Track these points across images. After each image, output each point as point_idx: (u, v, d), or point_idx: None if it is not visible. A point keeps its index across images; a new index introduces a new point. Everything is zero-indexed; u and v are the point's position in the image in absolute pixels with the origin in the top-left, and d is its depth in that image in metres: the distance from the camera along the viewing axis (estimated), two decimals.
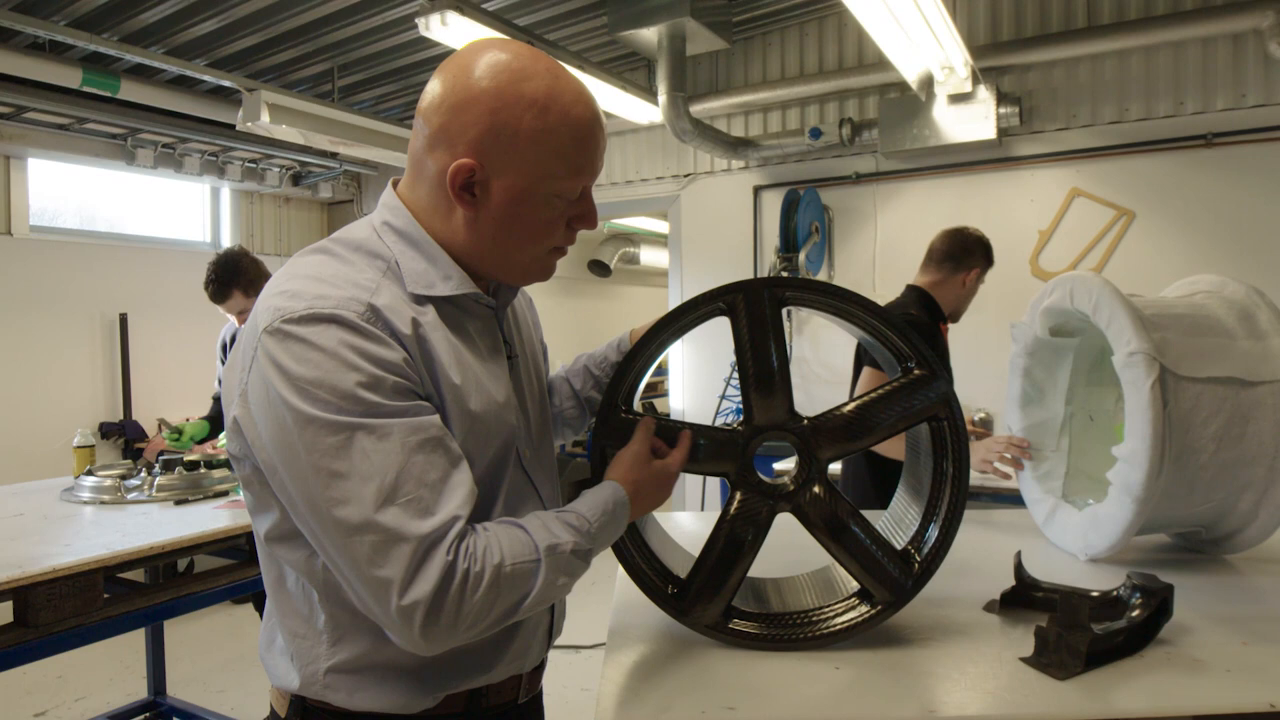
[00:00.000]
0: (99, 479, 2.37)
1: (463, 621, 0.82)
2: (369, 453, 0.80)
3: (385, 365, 0.83)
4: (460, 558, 0.81)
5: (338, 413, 0.80)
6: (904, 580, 1.11)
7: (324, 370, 0.81)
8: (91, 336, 4.77)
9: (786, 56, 4.20)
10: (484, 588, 0.82)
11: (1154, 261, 3.42)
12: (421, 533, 0.80)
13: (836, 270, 4.14)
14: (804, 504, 1.11)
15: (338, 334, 0.82)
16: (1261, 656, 1.10)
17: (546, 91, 0.88)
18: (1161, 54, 3.40)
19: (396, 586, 0.79)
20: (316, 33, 3.85)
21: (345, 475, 0.80)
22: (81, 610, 1.82)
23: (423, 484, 0.82)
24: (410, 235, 0.94)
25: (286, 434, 0.81)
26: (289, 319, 0.83)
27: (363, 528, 0.79)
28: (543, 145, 0.88)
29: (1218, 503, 1.48)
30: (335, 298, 0.84)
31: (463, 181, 0.89)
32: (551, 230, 0.95)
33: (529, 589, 0.86)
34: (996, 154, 3.69)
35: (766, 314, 1.09)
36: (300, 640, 0.93)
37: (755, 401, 1.10)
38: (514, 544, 0.86)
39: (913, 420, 1.11)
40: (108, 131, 4.49)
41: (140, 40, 3.70)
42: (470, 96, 0.88)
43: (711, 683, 1.04)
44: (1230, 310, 1.53)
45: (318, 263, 0.91)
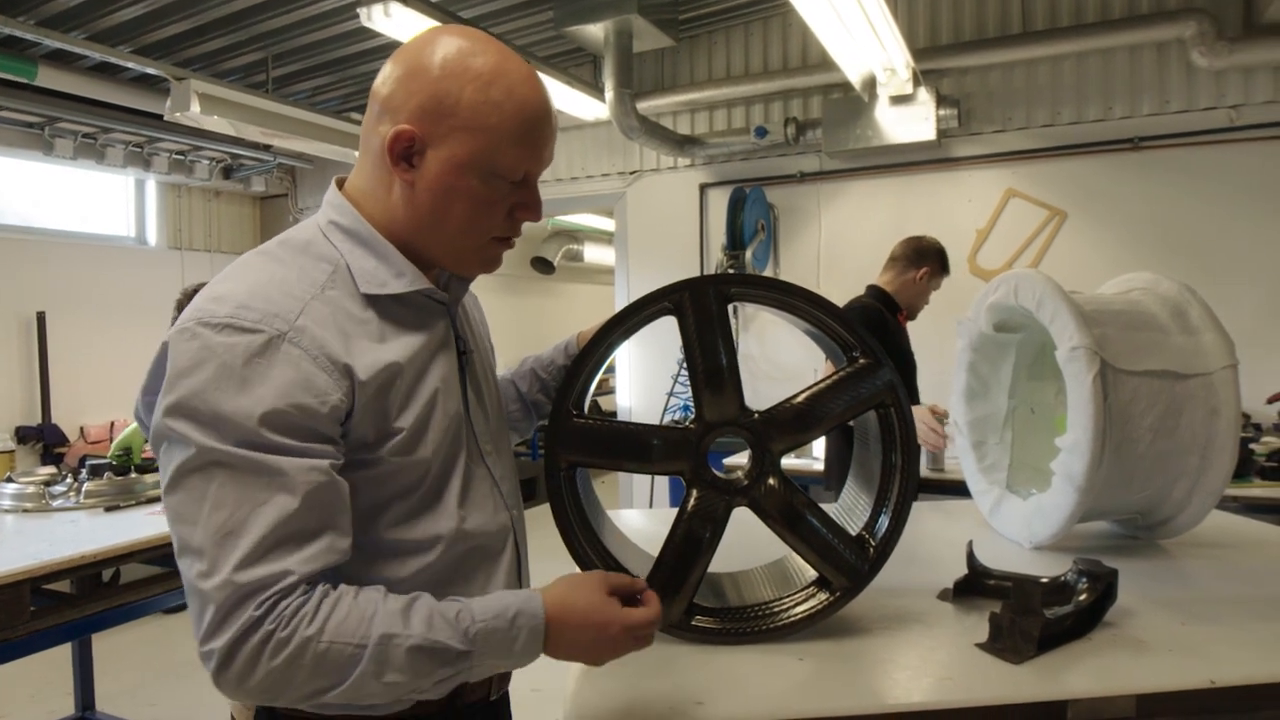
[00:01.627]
0: (20, 485, 2.24)
1: (255, 683, 0.76)
2: (230, 483, 0.76)
3: (291, 394, 0.78)
4: (269, 617, 0.76)
5: (216, 434, 0.76)
6: (860, 565, 1.13)
7: (215, 387, 0.77)
8: (6, 336, 4.52)
9: (732, 55, 4.24)
10: (285, 657, 0.76)
11: (1085, 260, 3.56)
12: (239, 580, 0.75)
13: (782, 267, 4.19)
14: (760, 497, 1.11)
15: (247, 351, 0.78)
16: (1200, 636, 1.15)
17: (493, 67, 0.86)
18: (1092, 60, 3.54)
19: (203, 628, 0.76)
20: (249, 20, 3.73)
21: (199, 499, 0.76)
22: (6, 624, 1.72)
23: (268, 531, 0.77)
24: (358, 233, 0.90)
25: (165, 439, 0.79)
26: (203, 322, 0.79)
27: (196, 552, 0.76)
28: (483, 118, 0.85)
29: (1154, 490, 1.54)
30: (260, 311, 0.80)
31: (401, 149, 0.86)
32: (491, 212, 0.91)
33: (343, 677, 0.78)
34: (936, 155, 3.79)
35: (713, 311, 1.09)
36: None
37: (706, 399, 1.10)
38: (346, 621, 0.78)
39: (860, 408, 1.13)
40: (23, 120, 4.26)
41: (60, 24, 3.52)
42: (417, 68, 0.87)
43: (679, 679, 1.04)
44: (1164, 307, 1.59)
45: (256, 265, 0.87)
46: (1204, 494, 1.52)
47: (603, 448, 1.11)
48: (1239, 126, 3.36)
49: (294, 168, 5.63)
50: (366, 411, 0.84)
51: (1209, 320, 1.54)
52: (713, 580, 1.25)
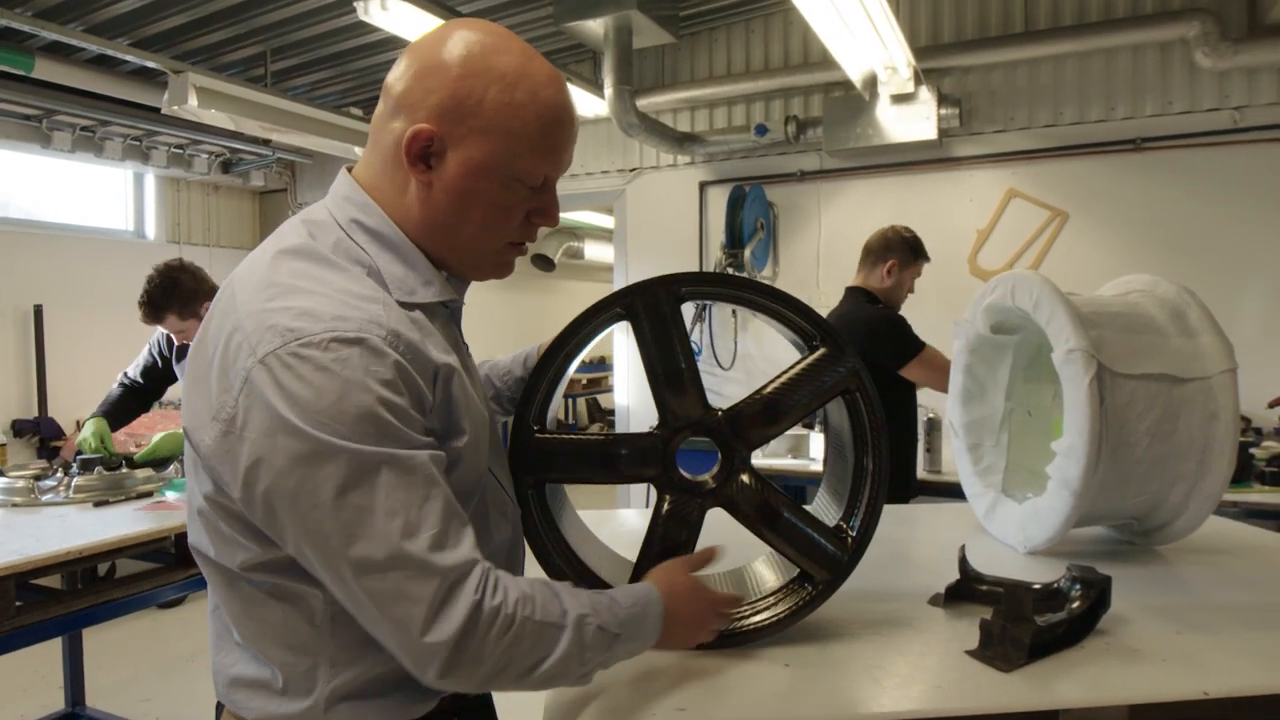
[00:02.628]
0: (10, 480, 2.23)
1: (483, 666, 0.78)
2: (394, 486, 0.75)
3: (405, 395, 0.78)
4: (487, 595, 0.78)
5: (360, 441, 0.74)
6: (840, 556, 1.11)
7: (346, 398, 0.75)
8: (4, 329, 4.51)
9: (733, 52, 4.21)
10: (512, 634, 0.79)
11: (1086, 261, 3.53)
12: (447, 565, 0.76)
13: (781, 266, 4.18)
14: (733, 496, 1.10)
15: (364, 361, 0.76)
16: (1194, 645, 1.13)
17: (518, 68, 0.84)
18: (1094, 60, 3.51)
19: (419, 624, 0.75)
20: (248, 14, 3.71)
21: (369, 510, 0.75)
22: None
23: (446, 519, 0.78)
24: (386, 237, 0.87)
25: (295, 466, 0.74)
26: (306, 341, 0.75)
27: (387, 564, 0.75)
28: (506, 121, 0.83)
29: (1151, 495, 1.52)
30: (357, 320, 0.77)
31: (419, 149, 0.84)
32: (509, 217, 0.88)
33: (549, 652, 0.81)
34: (937, 154, 3.77)
35: (666, 312, 1.07)
36: (290, 669, 0.86)
37: (669, 401, 1.08)
38: (543, 600, 0.83)
39: (826, 396, 1.11)
40: (21, 112, 4.24)
41: (57, 16, 3.50)
42: (436, 64, 0.84)
43: (660, 683, 1.02)
44: (1162, 309, 1.57)
45: (310, 271, 0.82)
46: (1201, 499, 1.50)
47: (568, 462, 1.09)
48: (1243, 128, 3.34)
49: (293, 162, 5.61)
50: (441, 411, 0.84)
51: (1208, 323, 1.52)
52: None
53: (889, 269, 2.67)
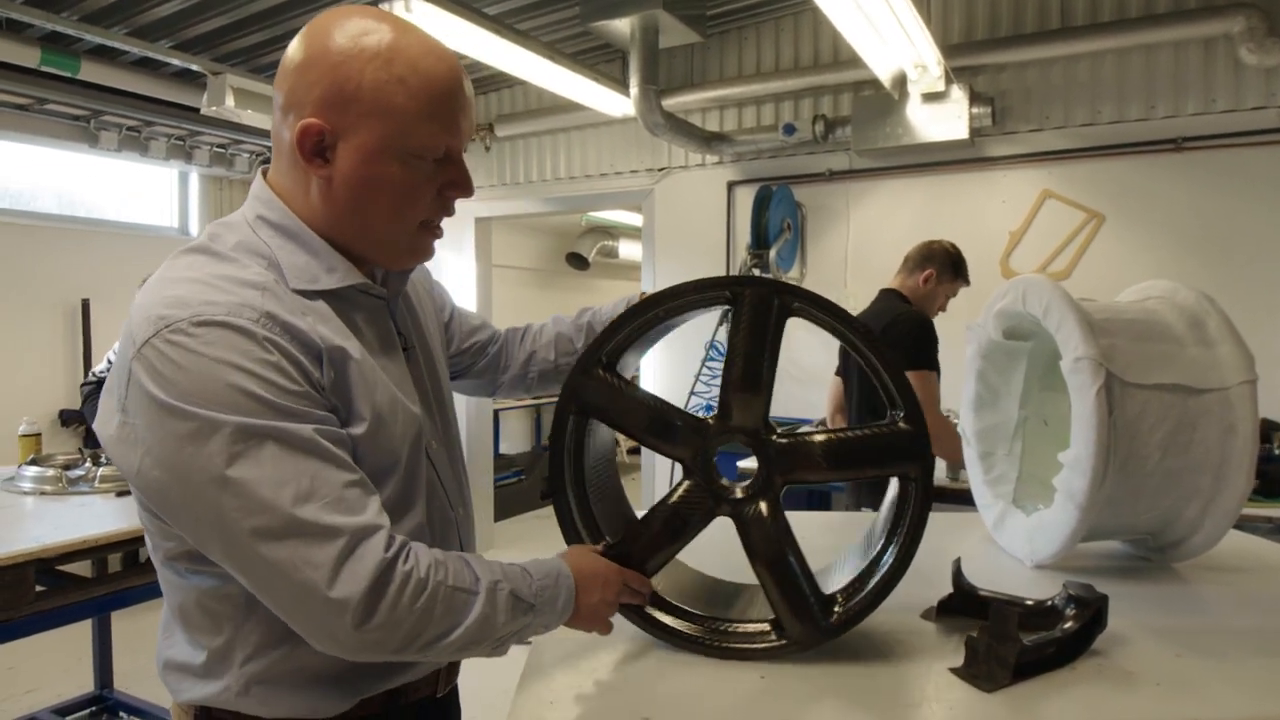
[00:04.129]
0: (41, 469, 2.31)
1: (400, 629, 0.78)
2: (280, 458, 0.76)
3: (284, 372, 0.78)
4: (401, 560, 0.78)
5: (240, 415, 0.75)
6: (819, 626, 1.07)
7: (214, 375, 0.75)
8: (52, 323, 4.68)
9: (763, 51, 4.17)
10: (426, 597, 0.79)
11: (1123, 265, 3.42)
12: (351, 526, 0.76)
13: (809, 267, 4.12)
14: (746, 516, 1.07)
15: (230, 340, 0.77)
16: (1193, 669, 1.08)
17: (390, 44, 0.83)
18: (1134, 57, 3.39)
19: (323, 584, 0.75)
20: (285, 15, 3.78)
21: (258, 482, 0.75)
22: (11, 604, 1.77)
23: (344, 485, 0.78)
24: (286, 228, 0.88)
25: (179, 448, 0.75)
26: (173, 327, 0.76)
27: (283, 532, 0.75)
28: (390, 99, 0.82)
29: (1164, 510, 1.46)
30: (225, 304, 0.78)
31: (312, 145, 0.84)
32: (416, 196, 0.87)
33: (463, 618, 0.82)
34: (969, 154, 3.68)
35: (771, 317, 1.04)
36: (210, 653, 0.88)
37: (735, 402, 1.06)
38: (456, 568, 0.84)
39: (884, 471, 1.07)
40: (69, 113, 4.39)
41: (102, 19, 3.62)
42: (313, 56, 0.83)
43: (632, 690, 1.01)
44: (1181, 317, 1.51)
45: (197, 264, 0.84)
46: (1218, 516, 1.43)
47: (616, 408, 1.08)
48: None
49: None
50: (335, 394, 0.84)
51: (1227, 332, 1.46)
52: (694, 580, 1.23)
53: (925, 278, 2.68)
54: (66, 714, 2.68)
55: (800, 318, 1.08)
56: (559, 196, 4.90)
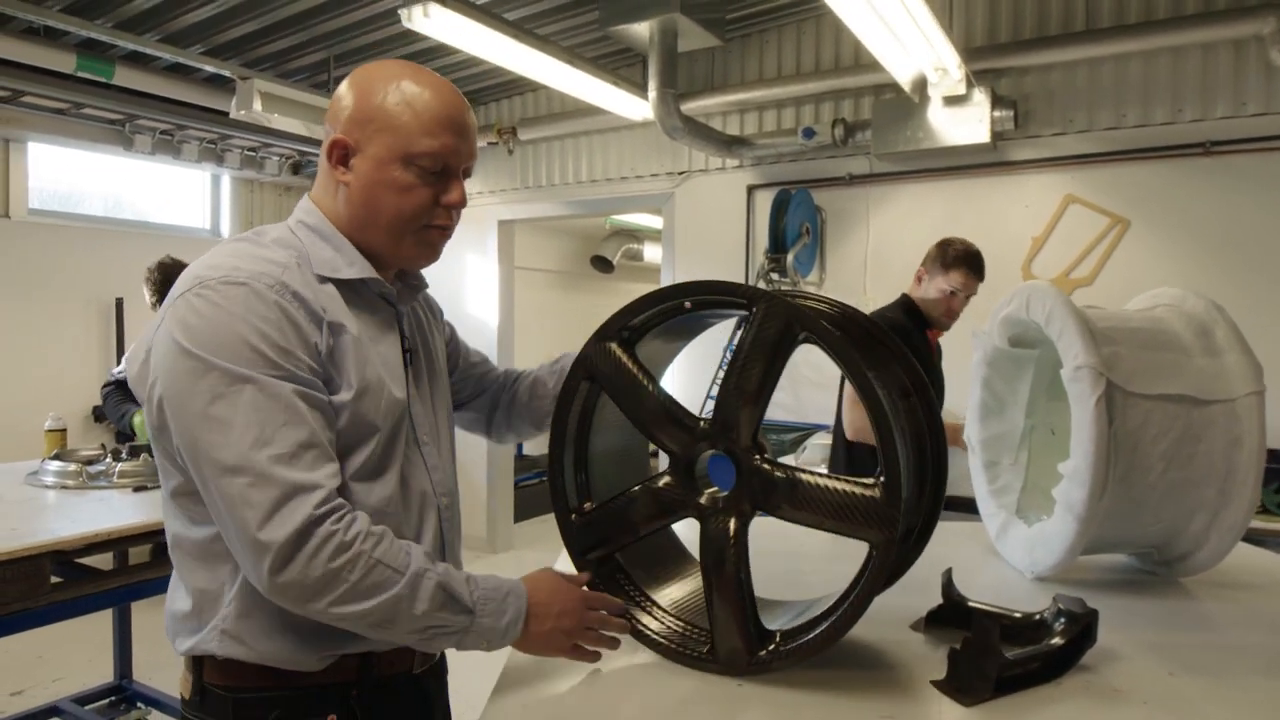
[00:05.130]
0: (63, 464, 2.37)
1: (308, 581, 0.86)
2: (255, 405, 0.87)
3: (285, 333, 0.92)
4: (330, 520, 0.87)
5: (231, 362, 0.88)
6: (750, 651, 1.04)
7: (225, 326, 0.89)
8: (87, 321, 4.81)
9: (784, 55, 4.15)
10: (343, 560, 0.87)
11: (1148, 271, 3.34)
12: (293, 480, 0.86)
13: (828, 272, 4.09)
14: (711, 527, 1.07)
15: (245, 298, 0.91)
16: (1185, 688, 1.06)
17: (406, 81, 1.02)
18: (1161, 59, 3.32)
19: (255, 524, 0.85)
20: (311, 21, 3.85)
21: (228, 421, 0.87)
22: (28, 594, 1.82)
23: (301, 445, 0.89)
24: (319, 229, 1.05)
25: (179, 381, 0.89)
26: (204, 284, 0.92)
27: (235, 469, 0.86)
28: (396, 117, 1.00)
29: (1168, 524, 1.43)
30: (248, 270, 0.94)
31: (337, 155, 1.02)
32: (413, 196, 1.02)
33: (380, 592, 0.89)
34: (991, 158, 3.62)
35: (783, 336, 1.01)
36: (204, 594, 0.98)
37: (731, 411, 1.04)
38: (391, 548, 0.92)
39: (847, 530, 1.00)
40: (105, 117, 4.51)
41: (135, 26, 3.71)
42: (350, 91, 1.04)
43: (603, 694, 1.02)
44: (1188, 325, 1.48)
45: (236, 248, 1.01)
46: (1223, 530, 1.40)
47: (618, 385, 1.11)
48: None
49: None
50: (329, 360, 0.97)
51: (1235, 341, 1.42)
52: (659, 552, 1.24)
53: (918, 276, 2.59)
54: (86, 703, 2.75)
55: (810, 344, 1.03)
56: (580, 200, 4.92)
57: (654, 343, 1.17)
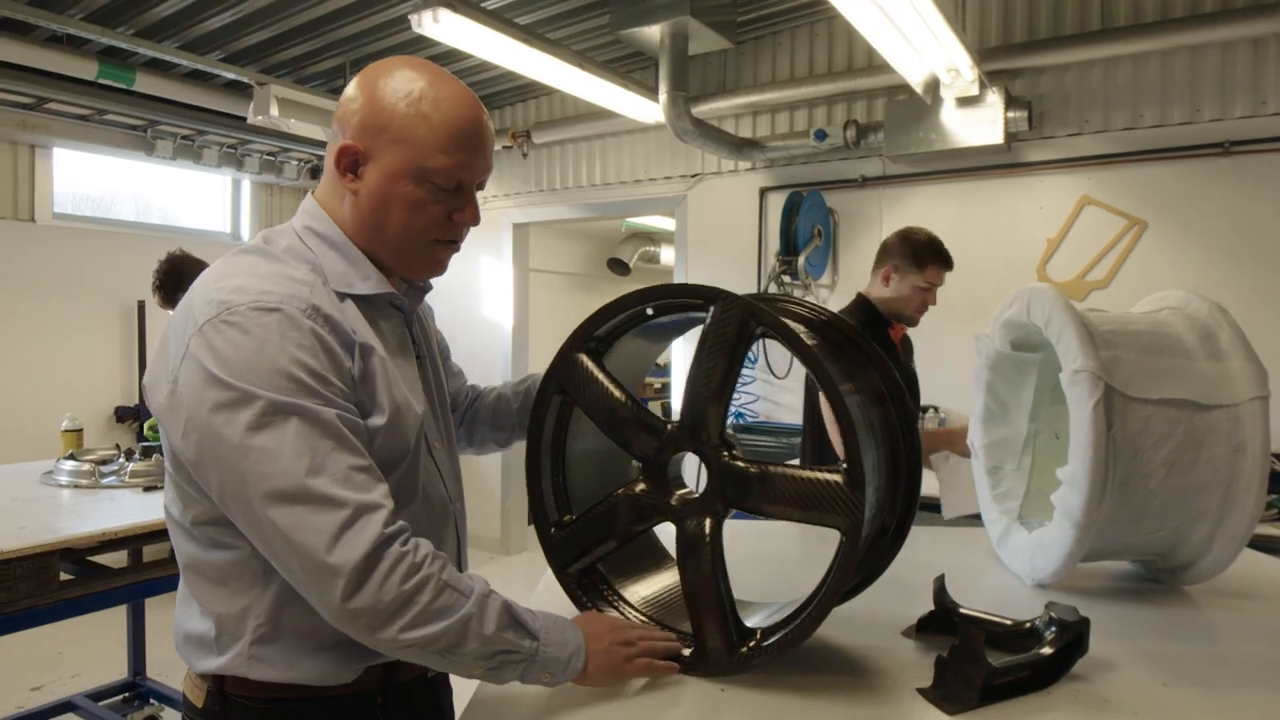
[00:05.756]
0: (77, 464, 2.42)
1: (383, 604, 0.84)
2: (302, 434, 0.84)
3: (321, 360, 0.89)
4: (399, 541, 0.85)
5: (275, 392, 0.85)
6: (728, 652, 1.04)
7: (262, 355, 0.86)
8: (109, 323, 4.89)
9: (796, 57, 4.14)
10: (415, 582, 0.85)
11: (1166, 274, 3.28)
12: (357, 500, 0.84)
13: (840, 274, 4.07)
14: (686, 528, 1.07)
15: (280, 325, 0.87)
16: (1177, 699, 1.03)
17: (424, 87, 0.96)
18: (1178, 58, 3.26)
19: (321, 548, 0.82)
20: (326, 28, 3.89)
21: (275, 451, 0.84)
22: (37, 591, 1.85)
23: (354, 469, 0.86)
24: (331, 238, 1.00)
25: (217, 414, 0.85)
26: (232, 310, 0.88)
27: (293, 498, 0.83)
28: (411, 130, 0.95)
29: (1170, 531, 1.40)
30: (279, 294, 0.90)
31: (347, 162, 0.97)
32: (426, 213, 0.98)
33: (447, 615, 0.87)
34: (1005, 159, 3.58)
35: (739, 337, 1.03)
36: (225, 619, 0.95)
37: (693, 411, 1.05)
38: (454, 571, 0.91)
39: (814, 519, 1.01)
40: (127, 123, 4.59)
41: (155, 33, 3.78)
42: (360, 92, 0.98)
43: (585, 694, 1.01)
44: (1192, 329, 1.45)
45: (253, 262, 0.96)
46: (1227, 538, 1.37)
47: (587, 395, 1.11)
48: None
49: None
50: (362, 384, 0.94)
51: (1239, 346, 1.39)
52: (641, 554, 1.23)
53: (885, 275, 2.39)
54: (100, 699, 2.79)
55: (767, 339, 1.06)
56: (594, 202, 4.93)
57: (635, 343, 1.16)
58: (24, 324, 4.51)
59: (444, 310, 5.57)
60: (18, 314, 4.49)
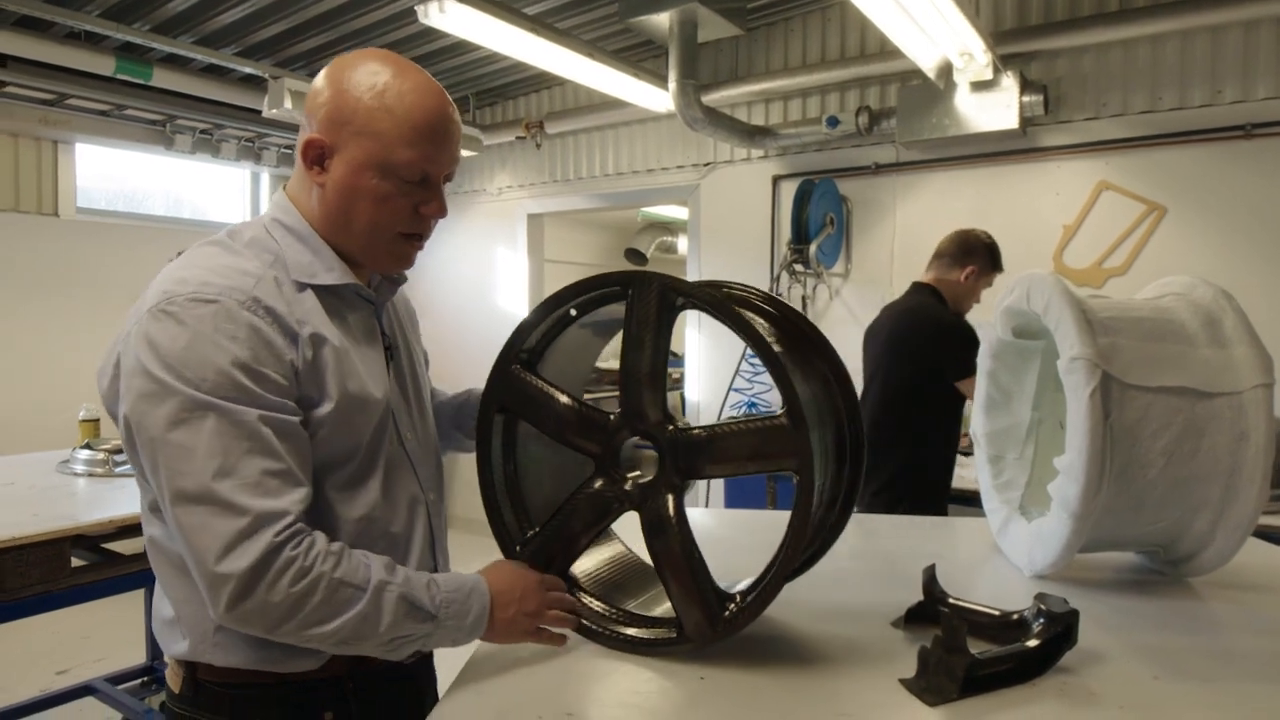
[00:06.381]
0: (92, 453, 2.46)
1: (271, 608, 0.84)
2: (219, 433, 0.85)
3: (257, 353, 0.89)
4: (289, 546, 0.85)
5: (197, 387, 0.85)
6: (711, 623, 1.05)
7: (193, 348, 0.86)
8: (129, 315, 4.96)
9: (809, 43, 4.09)
10: (304, 585, 0.85)
11: (1185, 260, 3.21)
12: (256, 509, 0.84)
13: (854, 262, 4.03)
14: (649, 512, 1.07)
15: (215, 316, 0.88)
16: (1167, 693, 1.02)
17: (389, 79, 0.97)
18: (1199, 39, 3.18)
19: (214, 555, 0.83)
20: (338, 20, 3.91)
21: (191, 448, 0.85)
22: (49, 577, 1.89)
23: (265, 473, 0.86)
24: (297, 230, 1.01)
25: (141, 404, 0.87)
26: (171, 300, 0.89)
27: (197, 498, 0.84)
28: (376, 123, 0.95)
29: (1171, 522, 1.38)
30: (219, 286, 0.91)
31: (313, 155, 0.98)
32: (392, 206, 0.98)
33: (343, 610, 0.88)
34: (1021, 144, 3.52)
35: (661, 313, 1.04)
36: (186, 605, 0.97)
37: (633, 397, 1.06)
38: (351, 563, 0.90)
39: (764, 465, 1.05)
40: (146, 117, 4.65)
41: (171, 28, 3.82)
42: (327, 85, 0.98)
43: (561, 685, 1.02)
44: (1195, 315, 1.41)
45: (209, 254, 0.97)
46: (1229, 529, 1.34)
47: (530, 405, 1.11)
48: None
49: None
50: (308, 376, 0.94)
51: (1244, 333, 1.36)
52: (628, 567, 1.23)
53: (968, 274, 2.57)
54: (119, 683, 2.85)
55: (692, 309, 1.07)
56: (608, 192, 4.92)
57: (578, 335, 1.15)
58: (45, 317, 4.60)
59: (459, 301, 5.63)
60: (39, 307, 4.58)
